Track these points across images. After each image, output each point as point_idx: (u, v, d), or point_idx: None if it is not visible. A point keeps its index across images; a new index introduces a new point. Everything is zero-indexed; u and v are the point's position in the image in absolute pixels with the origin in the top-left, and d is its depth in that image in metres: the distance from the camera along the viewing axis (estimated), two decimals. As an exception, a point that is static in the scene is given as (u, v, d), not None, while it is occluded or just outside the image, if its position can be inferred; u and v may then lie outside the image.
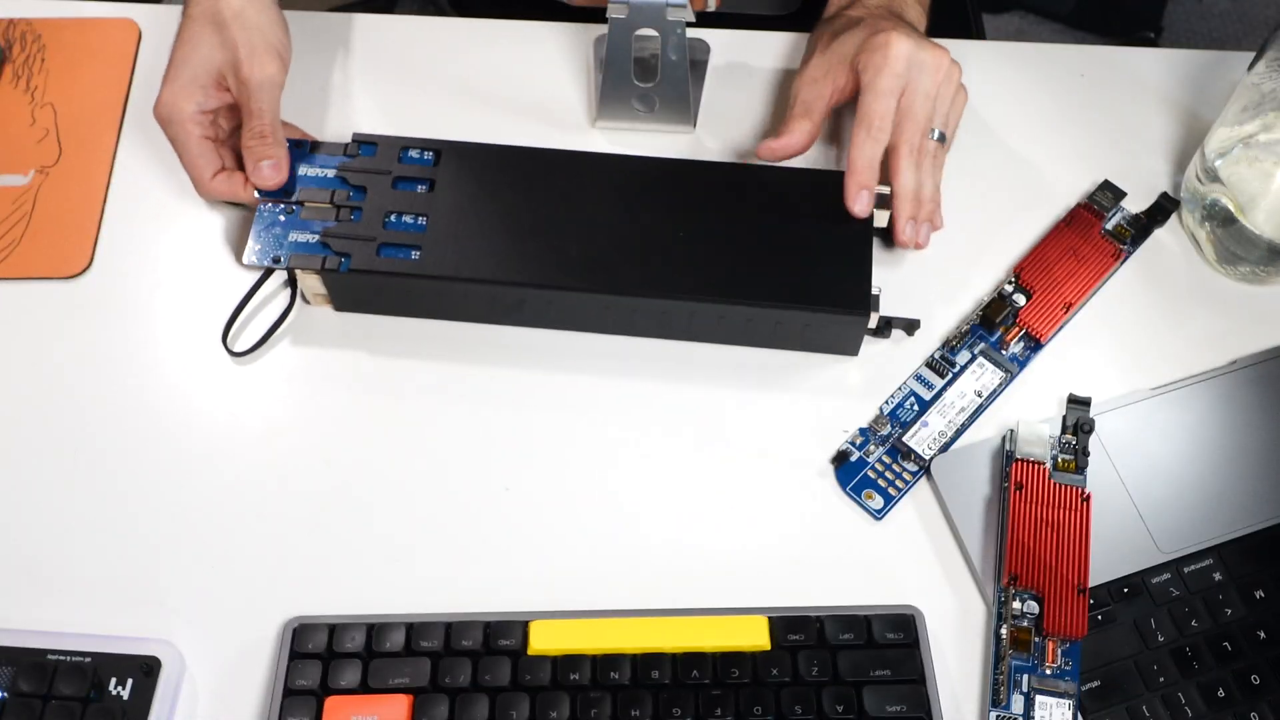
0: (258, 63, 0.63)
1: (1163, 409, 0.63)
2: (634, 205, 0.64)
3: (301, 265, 0.62)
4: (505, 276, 0.62)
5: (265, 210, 0.64)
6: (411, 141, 0.66)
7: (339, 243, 0.63)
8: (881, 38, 0.62)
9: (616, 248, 0.62)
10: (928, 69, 0.62)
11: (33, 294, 0.67)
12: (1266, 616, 0.58)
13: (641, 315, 0.64)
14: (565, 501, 0.62)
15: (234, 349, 0.65)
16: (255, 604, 0.59)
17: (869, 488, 0.62)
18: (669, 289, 0.62)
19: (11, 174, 0.71)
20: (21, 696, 0.54)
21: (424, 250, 0.62)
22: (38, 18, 0.76)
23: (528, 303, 0.64)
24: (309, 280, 0.64)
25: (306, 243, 0.63)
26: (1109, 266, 0.67)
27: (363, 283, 0.63)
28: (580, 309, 0.64)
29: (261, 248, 0.63)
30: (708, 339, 0.65)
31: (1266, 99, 0.63)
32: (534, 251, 0.62)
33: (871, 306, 0.61)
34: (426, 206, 0.64)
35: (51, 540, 0.60)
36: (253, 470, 0.62)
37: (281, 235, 0.63)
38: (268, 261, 0.63)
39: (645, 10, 0.65)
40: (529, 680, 0.55)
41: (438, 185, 0.64)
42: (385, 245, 0.62)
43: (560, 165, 0.65)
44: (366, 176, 0.65)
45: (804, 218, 0.63)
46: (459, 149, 0.65)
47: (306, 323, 0.66)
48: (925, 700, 0.55)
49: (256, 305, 0.67)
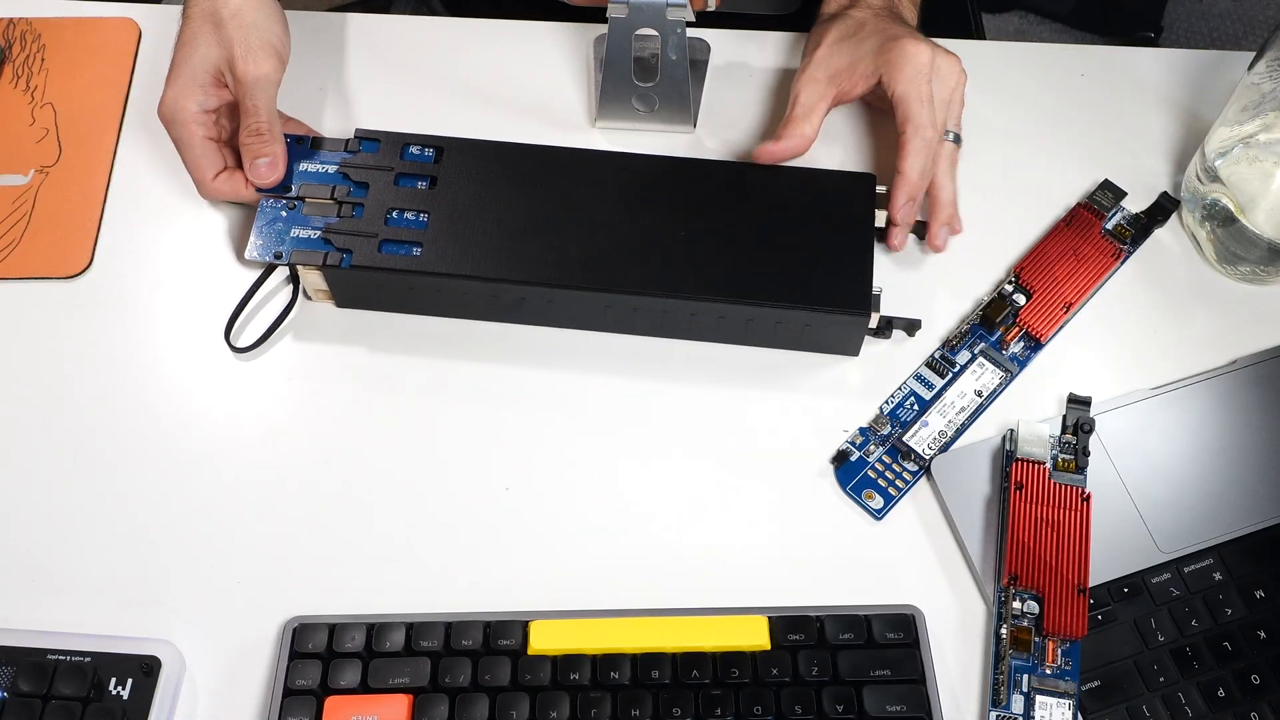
0: (253, 60, 0.63)
1: (1163, 409, 0.63)
2: (635, 204, 0.64)
3: (303, 261, 0.62)
4: (506, 274, 0.62)
5: (267, 206, 0.64)
6: (414, 138, 0.66)
7: (341, 239, 0.63)
8: (905, 45, 0.63)
9: (617, 246, 0.62)
10: (944, 74, 0.64)
11: (33, 294, 0.67)
12: (1266, 616, 0.58)
13: (642, 314, 0.64)
14: (565, 501, 0.62)
15: (236, 345, 0.65)
16: (255, 604, 0.59)
17: (869, 487, 0.62)
18: (670, 288, 0.62)
19: (11, 174, 0.71)
20: (21, 696, 0.54)
21: (425, 247, 0.62)
22: (38, 17, 0.76)
23: (529, 301, 0.64)
24: (311, 276, 0.64)
25: (308, 239, 0.63)
26: (1109, 266, 0.67)
27: (364, 279, 0.63)
28: (581, 307, 0.64)
29: (263, 244, 0.63)
30: (708, 338, 0.65)
31: (1266, 99, 0.63)
32: (535, 249, 0.62)
33: (872, 306, 0.61)
34: (428, 203, 0.64)
35: (51, 540, 0.60)
36: (253, 470, 0.62)
37: (283, 231, 0.63)
38: (269, 257, 0.63)
39: (645, 10, 0.66)
40: (529, 680, 0.55)
41: (440, 182, 0.64)
42: (387, 241, 0.63)
43: (563, 163, 0.65)
44: (368, 172, 0.65)
45: (805, 217, 0.63)
46: (461, 145, 0.66)
47: (308, 319, 0.66)
48: (925, 700, 0.55)
49: (259, 302, 0.67)
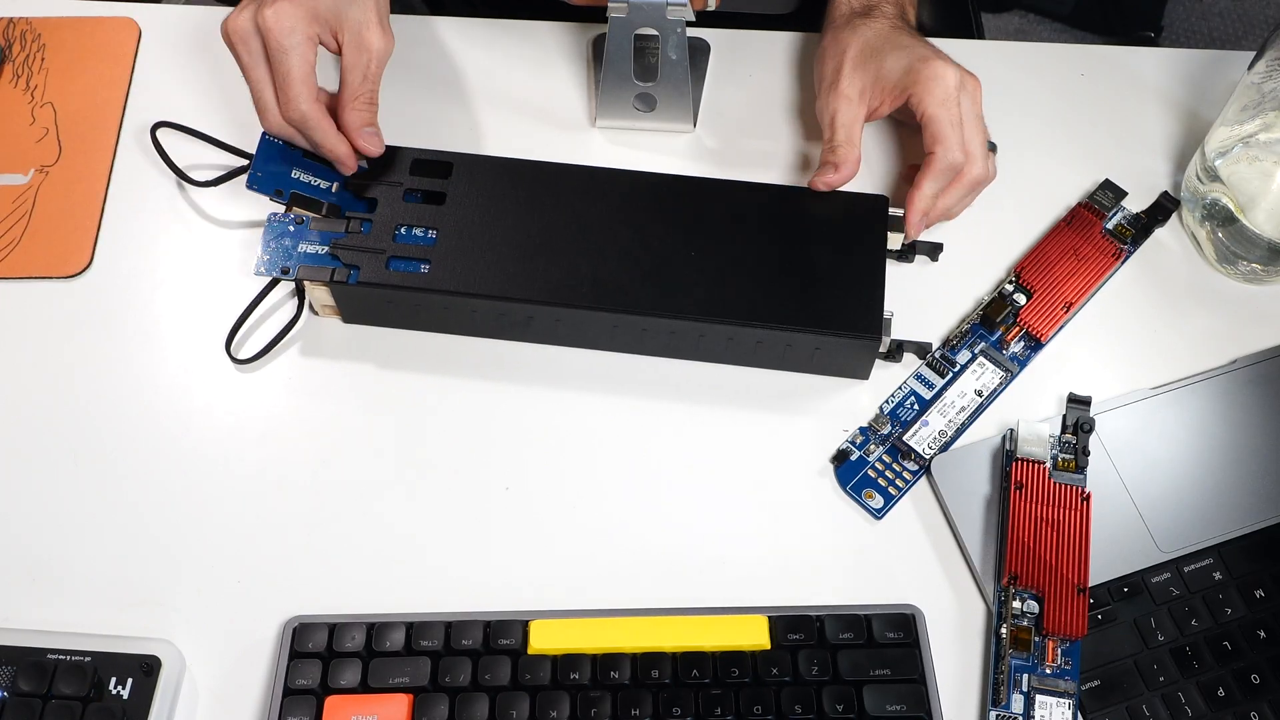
0: (384, 31, 0.63)
1: (1163, 409, 0.63)
2: (646, 223, 0.63)
3: (310, 277, 0.62)
4: (515, 293, 0.61)
5: (274, 220, 0.63)
6: (423, 153, 0.65)
7: (348, 254, 0.62)
8: (935, 66, 0.63)
9: (627, 266, 0.62)
10: (970, 91, 0.64)
11: (33, 294, 0.67)
12: (1266, 616, 0.58)
13: (651, 335, 0.63)
14: (565, 501, 0.62)
15: (237, 356, 0.65)
16: (255, 604, 0.59)
17: (869, 487, 0.62)
18: (679, 309, 0.61)
19: (11, 173, 0.71)
20: (21, 696, 0.54)
21: (434, 264, 0.62)
22: (38, 17, 0.76)
23: (537, 320, 0.63)
24: (317, 292, 0.64)
25: (316, 254, 0.62)
26: (1109, 266, 0.67)
27: (371, 295, 0.63)
28: (589, 327, 0.63)
29: (270, 258, 0.62)
30: (717, 359, 0.65)
31: (1267, 98, 0.63)
32: (544, 268, 0.62)
33: (884, 330, 0.61)
34: (436, 220, 0.63)
35: (52, 540, 0.60)
36: (253, 469, 0.62)
37: (291, 246, 0.63)
38: (276, 272, 0.62)
39: (645, 10, 0.65)
40: (529, 680, 0.55)
41: (449, 198, 0.64)
42: (395, 258, 0.62)
43: (573, 180, 0.64)
44: (377, 188, 0.64)
45: (816, 238, 0.63)
46: (471, 162, 0.65)
47: (313, 332, 0.66)
48: (925, 700, 0.55)
49: (263, 313, 0.66)
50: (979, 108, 0.65)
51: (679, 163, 0.71)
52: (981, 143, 0.64)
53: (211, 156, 0.70)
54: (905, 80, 0.64)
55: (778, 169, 0.71)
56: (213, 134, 0.69)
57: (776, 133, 0.73)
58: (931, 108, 0.63)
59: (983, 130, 0.65)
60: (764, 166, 0.71)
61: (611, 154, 0.72)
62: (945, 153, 0.63)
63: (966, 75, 0.65)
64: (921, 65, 0.64)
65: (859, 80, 0.66)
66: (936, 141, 0.63)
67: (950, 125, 0.63)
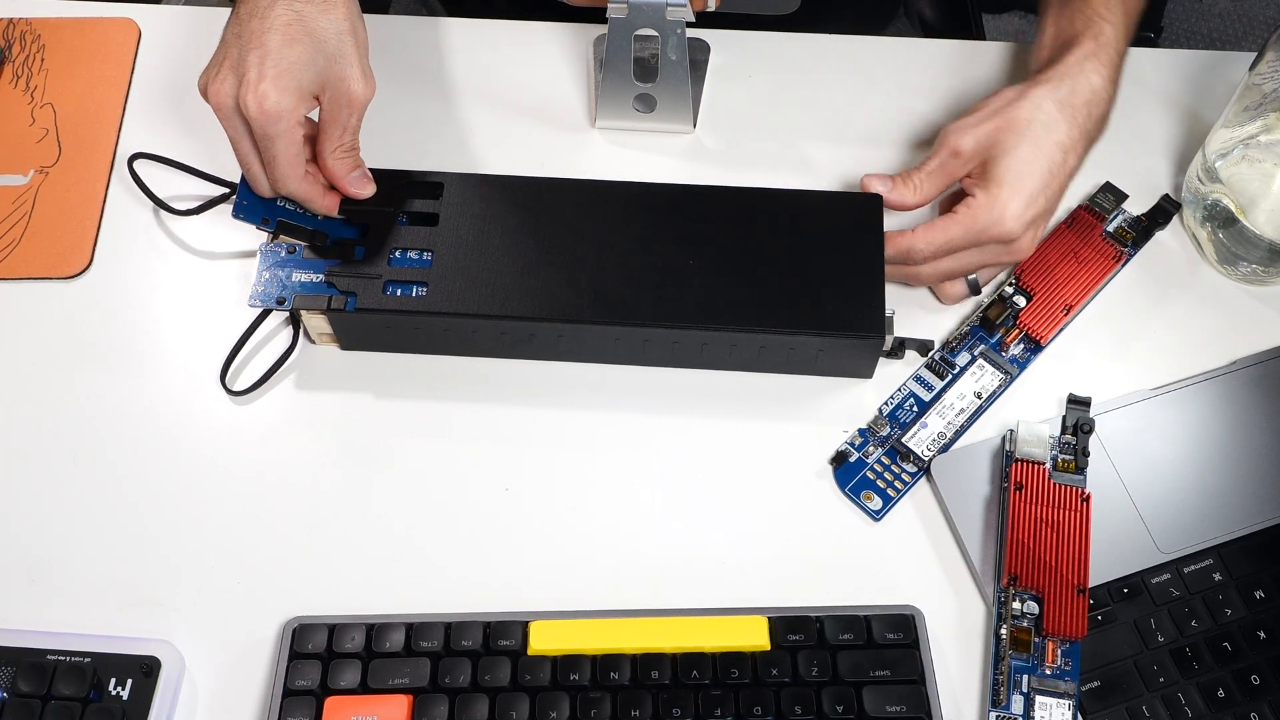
0: (366, 80, 0.60)
1: (1163, 409, 0.63)
2: (643, 233, 0.63)
3: (307, 306, 0.61)
4: (515, 310, 0.61)
5: (267, 249, 0.63)
6: (414, 175, 0.65)
7: (344, 281, 0.61)
8: (1003, 194, 0.62)
9: (627, 277, 0.61)
10: (1033, 224, 0.63)
11: (32, 294, 0.67)
12: (1266, 616, 0.58)
13: (654, 345, 0.63)
14: (565, 502, 0.62)
15: (233, 388, 0.64)
16: (255, 604, 0.59)
17: (867, 488, 0.62)
18: (680, 318, 0.61)
19: (11, 174, 0.71)
20: (21, 696, 0.54)
21: (431, 286, 0.61)
22: (38, 17, 0.76)
23: (538, 336, 0.63)
24: (314, 320, 0.63)
25: (311, 282, 0.62)
26: (1110, 269, 0.67)
27: (369, 321, 0.62)
28: (592, 341, 0.63)
29: (264, 290, 0.62)
30: (720, 366, 0.65)
31: (1267, 99, 0.63)
32: (543, 284, 0.61)
33: (886, 329, 0.61)
34: (431, 241, 0.62)
35: (52, 540, 0.60)
36: (253, 470, 0.62)
37: (285, 276, 0.62)
38: (272, 303, 0.61)
39: (645, 10, 0.65)
40: (529, 680, 0.55)
41: (442, 219, 0.63)
42: (391, 282, 0.61)
43: (566, 194, 0.64)
44: (368, 212, 0.63)
45: (813, 241, 0.62)
46: (461, 181, 0.64)
47: (308, 359, 0.66)
48: (925, 700, 0.55)
49: (258, 341, 0.66)
50: (1000, 256, 0.64)
51: (679, 164, 0.71)
52: (1028, 220, 0.62)
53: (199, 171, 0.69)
54: (984, 166, 0.63)
55: (778, 170, 0.71)
56: (212, 136, 0.69)
57: (777, 133, 0.73)
58: (981, 202, 0.62)
59: (992, 270, 0.65)
60: (764, 167, 0.71)
61: (611, 155, 0.72)
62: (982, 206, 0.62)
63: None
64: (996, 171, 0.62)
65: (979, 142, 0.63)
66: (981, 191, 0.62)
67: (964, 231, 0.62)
